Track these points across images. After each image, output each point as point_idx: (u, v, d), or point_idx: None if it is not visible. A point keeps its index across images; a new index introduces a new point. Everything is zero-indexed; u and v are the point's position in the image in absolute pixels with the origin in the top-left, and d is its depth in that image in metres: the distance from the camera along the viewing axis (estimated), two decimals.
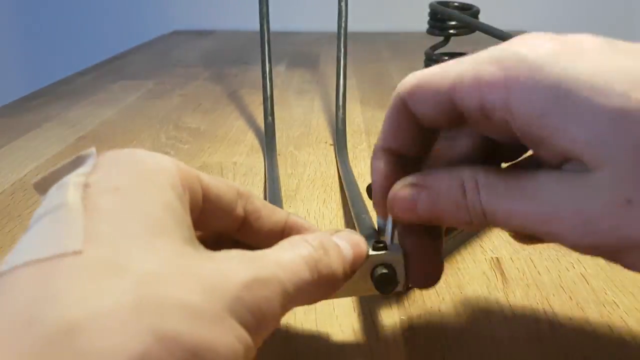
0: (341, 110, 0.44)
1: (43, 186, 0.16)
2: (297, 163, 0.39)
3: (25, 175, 0.37)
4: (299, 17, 1.09)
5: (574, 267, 0.25)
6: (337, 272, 0.17)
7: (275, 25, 0.50)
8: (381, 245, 0.19)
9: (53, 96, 0.58)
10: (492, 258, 0.26)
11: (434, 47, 0.54)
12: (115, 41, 1.02)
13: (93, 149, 0.16)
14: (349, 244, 0.18)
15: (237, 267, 0.14)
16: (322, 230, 0.19)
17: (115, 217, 0.13)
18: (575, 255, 0.26)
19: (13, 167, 0.38)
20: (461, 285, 0.24)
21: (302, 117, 0.50)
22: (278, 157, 0.40)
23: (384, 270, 0.19)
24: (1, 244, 0.28)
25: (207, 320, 0.12)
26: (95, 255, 0.12)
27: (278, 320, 0.15)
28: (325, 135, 0.45)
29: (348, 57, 0.56)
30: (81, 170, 0.15)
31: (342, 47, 0.46)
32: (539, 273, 0.25)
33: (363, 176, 0.37)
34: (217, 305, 0.13)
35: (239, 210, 0.18)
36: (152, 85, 0.63)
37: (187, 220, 0.15)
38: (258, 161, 0.40)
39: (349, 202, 0.28)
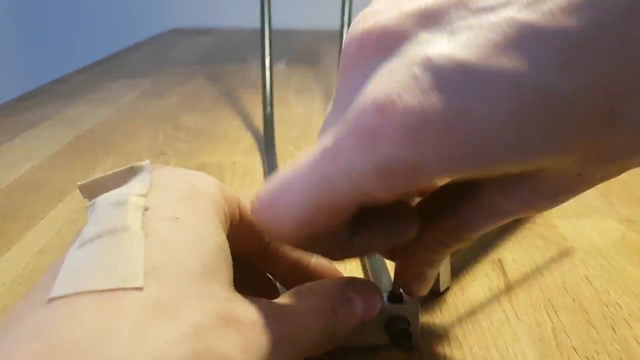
0: None
1: (89, 191, 0.16)
2: None
3: (22, 174, 0.37)
4: (299, 15, 1.08)
5: (577, 268, 0.25)
6: (341, 332, 0.17)
7: (275, 22, 0.50)
8: (397, 295, 0.19)
9: (50, 95, 0.58)
10: (494, 259, 0.26)
11: None
12: (113, 39, 1.01)
13: (147, 162, 0.16)
14: (360, 300, 0.17)
15: (267, 321, 0.14)
16: (339, 277, 0.19)
17: (174, 251, 0.13)
18: (578, 256, 0.26)
19: (10, 167, 0.38)
20: (463, 286, 0.24)
21: (302, 116, 0.50)
22: (278, 157, 0.40)
23: (400, 327, 0.19)
24: None
25: None
26: (154, 296, 0.12)
27: None
28: None
29: None
30: (138, 188, 0.15)
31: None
32: (542, 274, 0.25)
33: None
34: None
35: (266, 238, 0.18)
36: (150, 84, 0.63)
37: (230, 258, 0.15)
38: (257, 161, 0.39)
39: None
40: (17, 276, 0.25)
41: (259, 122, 0.49)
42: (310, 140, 0.44)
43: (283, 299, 0.16)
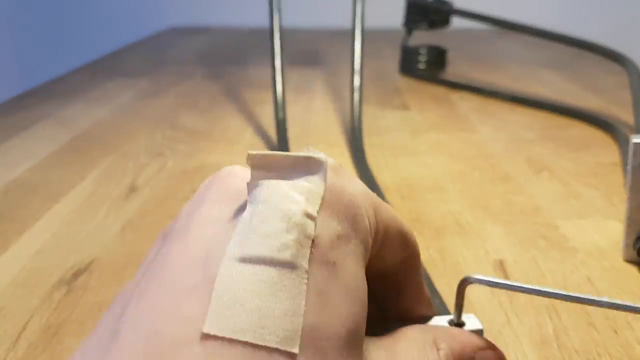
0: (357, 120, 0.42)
1: (257, 162, 0.14)
2: None
3: (18, 175, 0.37)
4: (298, 14, 1.08)
5: (579, 270, 0.25)
6: None
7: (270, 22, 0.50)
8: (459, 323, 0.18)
9: (47, 95, 0.58)
10: (495, 260, 0.26)
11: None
12: (110, 38, 1.01)
13: (324, 160, 0.14)
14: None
15: None
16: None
17: (328, 308, 0.13)
18: (580, 257, 0.26)
19: (6, 168, 0.38)
20: (464, 288, 0.24)
21: (301, 116, 0.50)
22: None
23: None
24: None
25: None
26: None
27: None
28: (324, 135, 0.45)
29: (348, 54, 0.55)
30: (310, 202, 0.14)
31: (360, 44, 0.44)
32: (544, 275, 0.25)
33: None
34: None
35: (402, 271, 0.17)
36: (147, 83, 0.63)
37: (366, 315, 0.14)
38: None
39: None
40: (14, 277, 0.25)
41: (258, 122, 0.48)
42: (310, 140, 0.44)
43: (403, 345, 0.15)
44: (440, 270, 0.25)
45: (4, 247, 0.27)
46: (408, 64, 0.65)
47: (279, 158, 0.14)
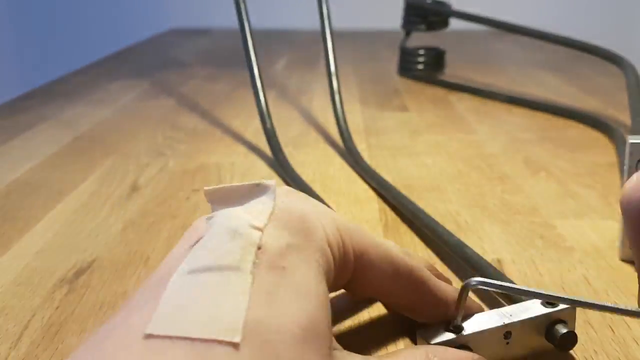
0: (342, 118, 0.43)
1: (214, 197, 0.16)
2: (295, 163, 0.39)
3: (20, 175, 0.37)
4: (297, 15, 1.08)
5: (576, 269, 0.25)
6: None
7: (273, 23, 0.50)
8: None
9: (49, 96, 0.58)
10: (493, 259, 0.26)
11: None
12: (112, 40, 1.01)
13: (273, 184, 0.16)
14: None
15: None
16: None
17: (276, 306, 0.13)
18: (577, 256, 0.26)
19: (9, 168, 0.38)
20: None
21: (300, 116, 0.50)
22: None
23: (564, 330, 0.18)
24: None
25: None
26: (249, 355, 0.12)
27: None
28: (324, 135, 0.45)
29: (347, 56, 0.55)
30: (257, 217, 0.15)
31: (330, 45, 0.45)
32: (541, 274, 0.25)
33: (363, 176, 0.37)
34: None
35: (401, 286, 0.18)
36: (148, 84, 0.63)
37: (330, 316, 0.15)
38: (256, 161, 0.39)
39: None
40: (16, 277, 0.25)
41: (257, 123, 0.48)
42: (309, 140, 0.44)
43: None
44: (439, 270, 0.25)
45: (6, 247, 0.28)
46: (406, 66, 0.65)
47: (233, 189, 0.16)
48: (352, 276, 0.17)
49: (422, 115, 0.50)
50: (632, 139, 0.24)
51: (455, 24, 0.64)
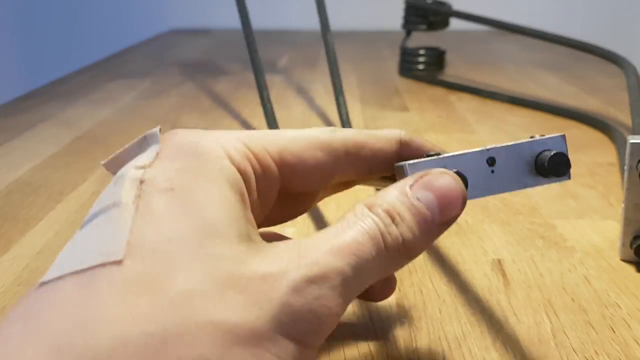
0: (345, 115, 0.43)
1: (112, 166, 0.16)
2: None
3: (21, 175, 0.37)
4: (297, 15, 1.08)
5: (577, 269, 0.25)
6: (410, 241, 0.14)
7: (273, 23, 0.50)
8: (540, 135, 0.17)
9: (49, 96, 0.58)
10: (493, 260, 0.26)
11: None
12: (112, 40, 1.01)
13: (157, 130, 0.16)
14: (432, 194, 0.14)
15: (285, 267, 0.13)
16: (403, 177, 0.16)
17: (165, 222, 0.13)
18: (577, 256, 0.26)
19: (9, 168, 0.38)
20: (462, 287, 0.24)
21: (301, 116, 0.50)
22: None
23: (554, 152, 0.17)
24: None
25: (244, 343, 0.11)
26: (134, 269, 0.12)
27: (340, 313, 0.13)
28: None
29: (348, 55, 0.55)
30: (141, 159, 0.15)
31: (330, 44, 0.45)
32: (541, 274, 0.25)
33: None
34: (258, 322, 0.12)
35: (342, 165, 0.17)
36: (149, 84, 0.63)
37: (246, 214, 0.14)
38: None
39: None
40: (16, 277, 0.25)
41: (258, 123, 0.49)
42: None
43: (329, 229, 0.14)
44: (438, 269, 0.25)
45: (6, 247, 0.28)
46: (407, 65, 0.65)
47: (124, 151, 0.16)
48: (284, 179, 0.16)
49: (422, 115, 0.50)
50: (633, 139, 0.24)
51: (455, 24, 0.64)
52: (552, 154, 0.17)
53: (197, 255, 0.12)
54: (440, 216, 0.15)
